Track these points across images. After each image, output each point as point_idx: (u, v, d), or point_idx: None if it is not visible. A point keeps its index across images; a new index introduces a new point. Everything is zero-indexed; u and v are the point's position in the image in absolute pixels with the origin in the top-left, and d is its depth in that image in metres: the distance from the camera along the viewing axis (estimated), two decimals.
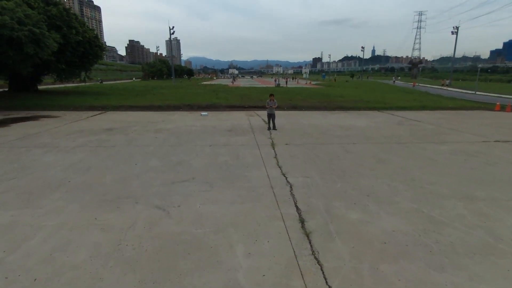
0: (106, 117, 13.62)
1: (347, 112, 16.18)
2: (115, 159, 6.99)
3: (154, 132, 10.12)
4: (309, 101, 20.00)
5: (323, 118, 13.85)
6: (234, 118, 13.68)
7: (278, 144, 8.49)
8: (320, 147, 8.25)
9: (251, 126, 11.60)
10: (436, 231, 3.83)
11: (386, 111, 16.60)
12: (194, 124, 11.93)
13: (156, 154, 7.38)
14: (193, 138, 9.25)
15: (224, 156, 7.28)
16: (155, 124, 11.70)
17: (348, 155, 7.41)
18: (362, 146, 8.36)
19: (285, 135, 9.88)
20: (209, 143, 8.65)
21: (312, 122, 12.45)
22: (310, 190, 5.18)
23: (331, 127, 11.42)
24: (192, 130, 10.64)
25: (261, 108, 16.95)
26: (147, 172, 6.04)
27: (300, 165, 6.59)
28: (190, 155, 7.35)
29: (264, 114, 14.68)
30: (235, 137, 9.54)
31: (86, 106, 16.60)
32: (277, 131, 10.47)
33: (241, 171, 6.17)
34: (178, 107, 16.96)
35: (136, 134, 9.80)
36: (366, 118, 13.77)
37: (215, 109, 16.78)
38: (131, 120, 12.68)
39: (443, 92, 31.78)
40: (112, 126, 11.20)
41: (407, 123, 12.42)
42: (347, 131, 10.56)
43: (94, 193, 4.98)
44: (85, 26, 24.26)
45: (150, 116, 14.12)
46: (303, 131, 10.50)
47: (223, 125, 11.76)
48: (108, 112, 15.47)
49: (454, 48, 47.77)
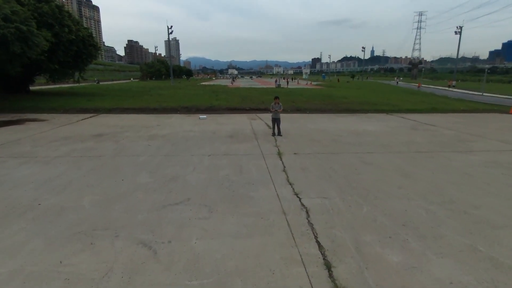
0: (97, 121, 12.66)
1: (354, 115, 15.26)
2: (99, 173, 6.04)
3: (147, 139, 9.17)
4: (313, 103, 19.07)
5: (330, 122, 12.91)
6: (235, 122, 12.74)
7: (285, 154, 7.55)
8: (333, 157, 7.31)
9: (254, 131, 10.66)
10: (510, 284, 2.90)
11: (395, 113, 15.68)
12: (191, 129, 10.98)
13: (147, 167, 6.43)
14: (190, 146, 8.30)
15: (225, 169, 6.34)
16: (149, 129, 10.75)
17: (367, 168, 6.48)
18: (381, 156, 7.43)
19: (292, 142, 8.94)
20: (208, 152, 7.71)
21: (319, 127, 11.52)
22: (331, 217, 4.24)
23: (341, 132, 10.48)
24: (189, 136, 9.69)
25: (263, 110, 16.04)
26: (135, 192, 5.08)
27: (314, 181, 5.65)
28: (186, 168, 6.40)
29: (266, 117, 13.77)
30: (237, 144, 8.60)
31: (78, 109, 15.63)
32: (283, 138, 9.54)
33: (246, 189, 5.22)
34: (175, 109, 16.01)
35: (127, 141, 8.84)
36: (376, 122, 12.85)
37: (215, 111, 15.84)
38: (124, 125, 11.72)
39: (449, 93, 30.91)
40: (102, 132, 10.24)
41: (422, 128, 11.49)
42: (359, 138, 9.64)
43: (66, 222, 4.03)
44: (79, 24, 23.29)
45: (145, 119, 13.17)
46: (311, 138, 9.56)
47: (224, 130, 10.82)
48: (101, 115, 14.51)
49: (458, 48, 46.97)
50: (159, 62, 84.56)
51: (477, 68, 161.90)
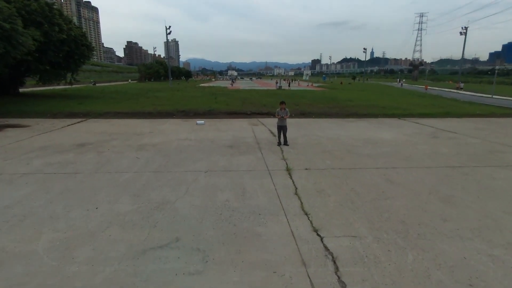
0: (85, 127, 11.54)
1: (364, 120, 14.17)
2: (70, 197, 4.93)
3: (136, 150, 8.06)
4: (318, 106, 17.99)
5: (340, 128, 11.82)
6: (236, 128, 11.64)
7: (295, 170, 6.45)
8: (352, 174, 6.21)
9: (257, 139, 9.56)
10: None
11: (407, 118, 14.60)
12: (187, 136, 9.87)
13: (130, 188, 5.32)
14: (184, 160, 7.19)
15: (224, 191, 5.23)
16: (140, 138, 9.64)
17: (395, 190, 5.38)
18: (407, 173, 6.32)
19: (301, 153, 7.84)
20: (204, 167, 6.60)
21: (329, 134, 10.42)
22: (369, 270, 3.13)
23: (354, 141, 9.39)
24: (184, 146, 8.58)
25: (265, 115, 14.95)
26: (109, 227, 3.97)
27: (335, 209, 4.55)
28: (177, 189, 5.29)
29: (269, 122, 12.68)
30: (238, 156, 7.49)
31: (66, 113, 14.51)
32: (290, 148, 8.44)
33: (251, 223, 4.12)
34: (171, 113, 14.90)
35: (113, 153, 7.73)
36: (390, 129, 11.76)
37: (214, 116, 14.74)
38: (113, 131, 10.61)
39: (457, 96, 29.84)
40: (87, 140, 9.13)
41: (442, 136, 10.40)
42: (377, 148, 8.54)
43: (3, 283, 2.91)
44: (72, 23, 22.21)
45: (137, 125, 12.06)
46: (322, 148, 8.46)
47: (223, 138, 9.71)
48: (90, 120, 13.40)
49: (463, 49, 45.94)
50: (157, 63, 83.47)
51: (477, 69, 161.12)
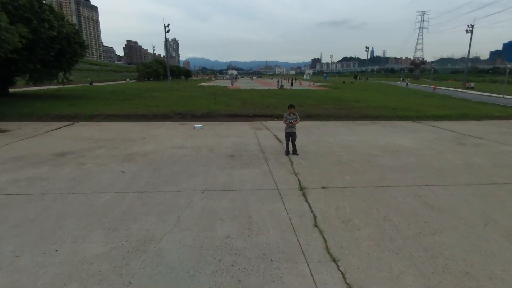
0: (70, 132, 10.44)
1: (376, 123, 13.06)
2: (27, 232, 3.84)
3: (123, 161, 6.97)
4: (324, 108, 16.88)
5: (352, 133, 10.72)
6: (237, 132, 10.54)
7: (310, 188, 5.35)
8: (380, 195, 5.12)
9: (261, 147, 8.47)
10: None
11: (422, 121, 13.50)
12: (183, 144, 8.77)
13: (107, 217, 4.23)
14: (177, 174, 6.09)
15: (225, 222, 4.13)
16: (130, 145, 8.54)
17: (440, 219, 4.28)
18: (446, 193, 5.23)
19: (314, 165, 6.75)
20: (201, 185, 5.51)
21: (342, 140, 9.33)
22: None
23: (371, 149, 8.29)
24: (178, 156, 7.48)
25: (269, 117, 13.86)
26: (65, 286, 2.88)
27: (372, 252, 3.45)
28: (165, 219, 4.20)
29: (274, 126, 11.59)
30: (241, 170, 6.40)
31: (53, 115, 13.41)
32: (300, 158, 7.34)
33: (261, 276, 3.02)
34: (167, 116, 13.80)
35: (95, 165, 6.63)
36: (407, 133, 10.66)
37: (213, 119, 13.63)
38: (101, 137, 9.51)
39: (466, 96, 28.70)
40: (69, 149, 8.03)
41: (468, 142, 9.30)
42: (399, 158, 7.44)
43: None
44: (64, 20, 21.05)
45: (128, 129, 10.96)
46: (337, 158, 7.37)
47: (223, 145, 8.62)
48: (78, 123, 12.30)
49: (469, 47, 44.71)
50: (156, 62, 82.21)
51: (478, 68, 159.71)
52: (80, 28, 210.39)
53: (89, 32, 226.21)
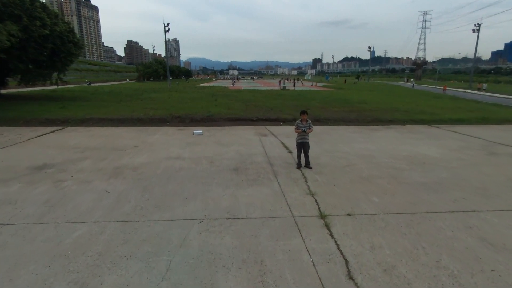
0: (57, 139, 9.47)
1: (390, 127, 12.07)
2: None
3: (110, 177, 5.99)
4: (332, 110, 15.87)
5: (367, 140, 9.73)
6: (240, 140, 9.55)
7: (333, 216, 4.37)
8: (421, 225, 4.12)
9: (268, 157, 7.48)
10: None
11: (440, 125, 12.50)
12: (180, 154, 7.79)
13: (76, 262, 3.25)
14: (171, 195, 5.11)
15: (230, 270, 3.15)
16: (120, 155, 7.57)
17: (508, 262, 3.29)
18: (501, 222, 4.24)
19: (332, 182, 5.76)
20: (199, 210, 4.52)
21: (358, 149, 8.34)
22: None
23: (394, 160, 7.30)
24: (174, 170, 6.50)
25: (274, 121, 12.88)
26: None
27: None
28: (153, 264, 3.22)
29: (280, 131, 10.60)
30: (247, 189, 5.41)
31: (42, 119, 12.44)
32: (314, 172, 6.36)
33: None
34: (165, 120, 12.82)
35: (76, 182, 5.66)
36: (428, 140, 9.66)
37: (213, 123, 12.65)
38: (89, 146, 8.54)
39: (478, 97, 27.61)
40: (50, 160, 7.06)
41: (501, 151, 8.30)
42: (429, 172, 6.45)
43: None
44: (58, 18, 20.09)
45: (121, 136, 9.99)
46: (358, 172, 6.38)
47: (225, 156, 7.63)
48: (67, 128, 11.33)
49: (476, 46, 43.61)
50: (156, 62, 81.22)
51: (480, 69, 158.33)
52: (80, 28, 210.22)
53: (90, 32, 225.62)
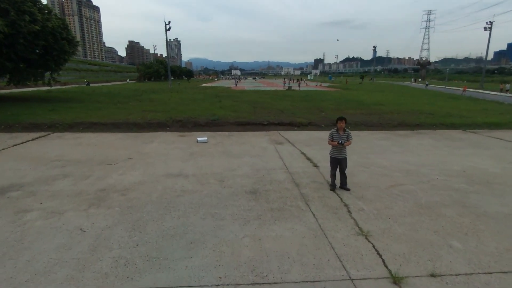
0: (36, 149, 8.04)
1: (420, 133, 10.59)
2: None
3: (90, 204, 4.55)
4: (348, 113, 14.38)
5: (402, 149, 8.26)
6: (253, 149, 8.10)
7: (411, 279, 2.91)
8: None
9: (291, 174, 6.03)
10: None
11: (476, 130, 11.02)
12: (182, 169, 6.34)
13: None
14: (169, 238, 3.66)
15: None
16: (108, 172, 6.13)
17: None
18: None
19: (385, 214, 4.30)
20: (209, 267, 3.08)
21: (398, 163, 6.87)
22: None
23: (450, 179, 5.82)
24: (174, 194, 5.05)
25: (287, 125, 11.44)
26: None
27: None
28: None
29: (297, 138, 9.13)
30: (273, 226, 3.96)
31: (27, 124, 11.03)
32: (354, 196, 4.91)
33: None
34: (164, 124, 11.38)
35: (43, 214, 4.22)
36: (474, 149, 8.18)
37: (219, 128, 11.20)
38: (73, 157, 7.11)
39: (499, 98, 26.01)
40: (20, 179, 5.63)
41: None
42: (502, 196, 4.98)
43: None
44: (51, 13, 18.72)
45: (112, 145, 8.56)
46: (412, 198, 4.91)
47: (238, 171, 6.19)
48: (54, 134, 9.91)
49: (488, 45, 41.93)
50: (157, 62, 79.90)
51: (481, 68, 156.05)
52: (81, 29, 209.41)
53: (91, 32, 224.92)
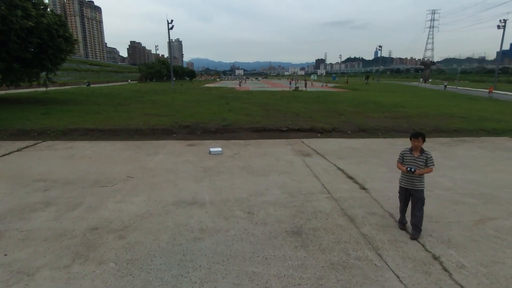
0: (18, 164, 6.72)
1: (465, 141, 9.23)
2: None
3: (74, 256, 3.21)
4: (372, 117, 13.01)
5: (455, 162, 6.91)
6: (278, 163, 6.75)
7: None
8: None
9: (337, 202, 4.68)
10: None
11: None
12: (196, 193, 5.00)
13: None
14: None
15: None
16: (103, 197, 4.80)
17: None
18: None
19: (495, 273, 2.95)
20: None
21: (463, 183, 5.51)
22: None
23: None
24: (190, 235, 3.70)
25: (309, 131, 10.10)
26: None
27: None
28: None
29: (324, 147, 7.65)
30: None
31: (14, 130, 9.73)
32: (438, 239, 3.55)
33: None
34: (170, 131, 10.04)
35: (1, 277, 2.88)
36: None
37: (233, 134, 9.86)
38: (59, 177, 5.78)
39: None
40: None
41: None
42: None
43: None
44: (46, 9, 17.44)
45: (110, 158, 7.23)
46: None
47: (267, 197, 4.84)
48: (43, 143, 8.60)
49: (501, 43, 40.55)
50: (159, 62, 78.72)
51: (486, 69, 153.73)
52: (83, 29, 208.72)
53: (93, 33, 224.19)
